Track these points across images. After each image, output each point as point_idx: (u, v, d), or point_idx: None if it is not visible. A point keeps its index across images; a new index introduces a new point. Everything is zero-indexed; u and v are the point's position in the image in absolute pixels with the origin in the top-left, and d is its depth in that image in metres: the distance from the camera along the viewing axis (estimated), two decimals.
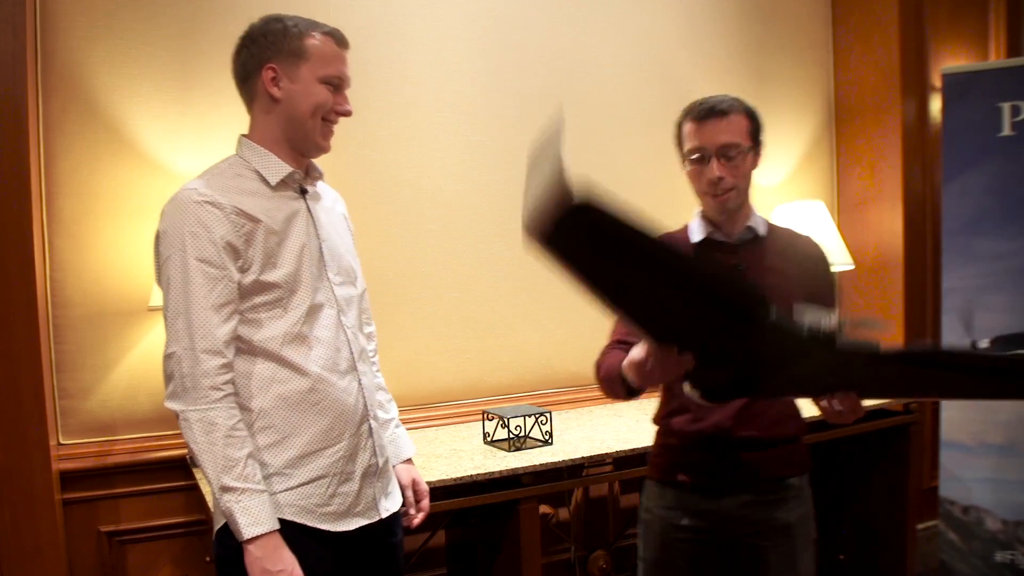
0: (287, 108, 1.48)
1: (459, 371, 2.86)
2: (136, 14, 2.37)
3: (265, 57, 1.47)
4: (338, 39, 1.52)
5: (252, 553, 1.35)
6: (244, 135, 1.55)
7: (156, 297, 2.27)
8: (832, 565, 3.14)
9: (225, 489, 1.34)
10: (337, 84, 1.50)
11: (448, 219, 2.83)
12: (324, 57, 1.48)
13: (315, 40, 1.47)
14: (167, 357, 1.39)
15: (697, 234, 1.70)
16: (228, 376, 1.39)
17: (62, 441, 2.31)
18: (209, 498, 1.92)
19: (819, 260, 1.75)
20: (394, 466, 1.72)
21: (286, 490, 1.43)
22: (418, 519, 1.73)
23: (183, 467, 2.35)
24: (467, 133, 2.85)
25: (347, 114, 1.53)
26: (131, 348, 2.38)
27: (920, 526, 3.07)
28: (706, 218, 1.71)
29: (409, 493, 1.72)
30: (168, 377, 1.39)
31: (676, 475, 1.71)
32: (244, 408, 1.42)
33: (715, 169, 1.62)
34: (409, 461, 1.76)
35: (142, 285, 2.35)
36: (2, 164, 2.06)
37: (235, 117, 2.52)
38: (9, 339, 2.06)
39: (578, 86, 3.01)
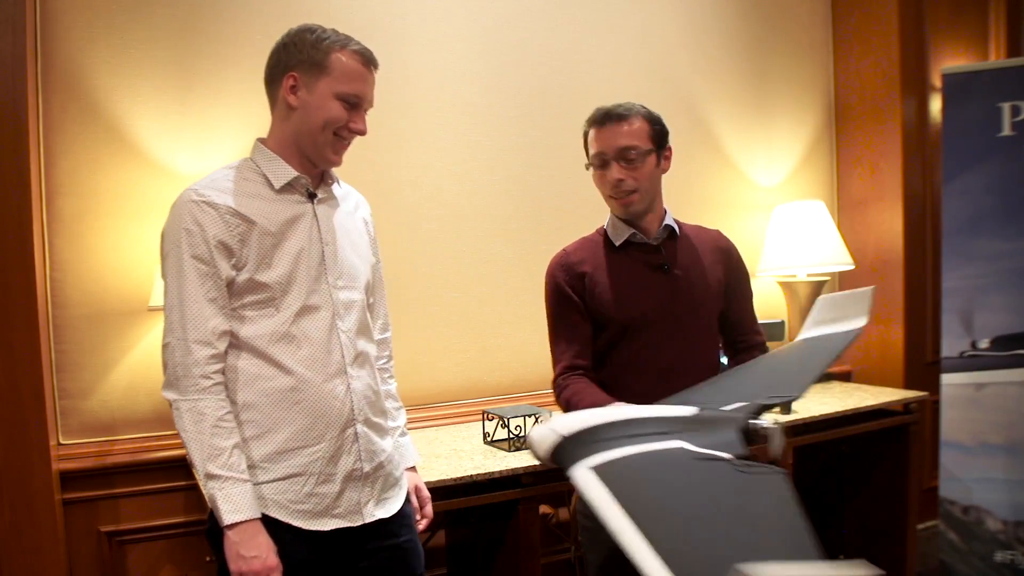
0: (300, 118, 1.51)
1: (459, 371, 2.86)
2: (136, 14, 2.37)
3: (290, 64, 1.50)
4: (366, 59, 1.53)
5: (230, 538, 1.40)
6: (260, 138, 1.58)
7: (156, 297, 2.27)
8: None
9: (210, 476, 1.40)
10: (354, 103, 1.52)
11: (448, 219, 2.83)
12: (346, 74, 1.50)
13: (340, 56, 1.49)
14: (163, 347, 1.45)
15: (618, 237, 1.77)
16: (218, 366, 1.44)
17: (62, 441, 2.31)
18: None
19: (730, 250, 1.85)
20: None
21: (263, 483, 1.46)
22: (421, 525, 1.74)
23: (183, 467, 2.35)
24: (467, 133, 2.85)
25: (360, 133, 1.55)
26: (131, 348, 2.38)
27: (920, 526, 3.07)
28: (623, 220, 1.76)
29: (413, 499, 1.74)
30: (164, 366, 1.45)
31: None
32: (230, 400, 1.46)
33: (615, 172, 1.68)
34: (412, 469, 1.77)
35: (142, 285, 2.36)
36: (2, 164, 2.06)
37: (235, 117, 2.54)
38: (9, 339, 2.06)
39: (578, 86, 3.01)
